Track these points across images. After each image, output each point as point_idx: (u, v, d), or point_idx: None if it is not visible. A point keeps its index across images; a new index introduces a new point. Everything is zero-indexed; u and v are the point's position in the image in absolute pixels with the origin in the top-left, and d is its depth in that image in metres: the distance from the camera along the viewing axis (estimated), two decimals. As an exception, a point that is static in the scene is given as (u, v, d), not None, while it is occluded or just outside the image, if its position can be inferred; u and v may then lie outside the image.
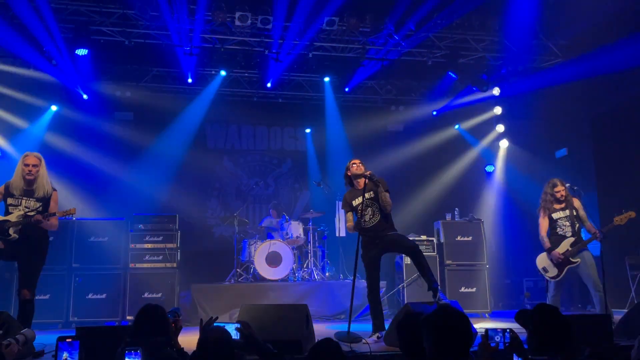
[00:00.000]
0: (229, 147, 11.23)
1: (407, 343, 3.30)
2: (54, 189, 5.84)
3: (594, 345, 4.22)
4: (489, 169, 10.57)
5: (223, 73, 9.62)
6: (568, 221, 6.38)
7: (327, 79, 9.99)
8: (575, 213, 6.38)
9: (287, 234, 8.99)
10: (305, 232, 9.14)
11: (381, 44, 9.04)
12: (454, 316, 2.49)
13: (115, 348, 3.29)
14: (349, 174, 5.99)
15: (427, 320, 2.52)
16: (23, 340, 4.08)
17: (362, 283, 6.78)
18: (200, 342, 3.18)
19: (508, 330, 3.36)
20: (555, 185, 6.46)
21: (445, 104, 10.58)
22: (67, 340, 2.76)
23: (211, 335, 3.16)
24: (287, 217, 9.49)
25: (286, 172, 11.34)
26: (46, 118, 9.53)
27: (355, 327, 5.60)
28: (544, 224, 6.52)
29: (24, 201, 5.65)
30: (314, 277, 8.79)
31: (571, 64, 8.67)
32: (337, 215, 9.26)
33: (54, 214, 5.65)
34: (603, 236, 6.04)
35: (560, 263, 6.29)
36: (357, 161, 5.99)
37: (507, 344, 3.34)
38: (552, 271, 6.35)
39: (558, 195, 6.42)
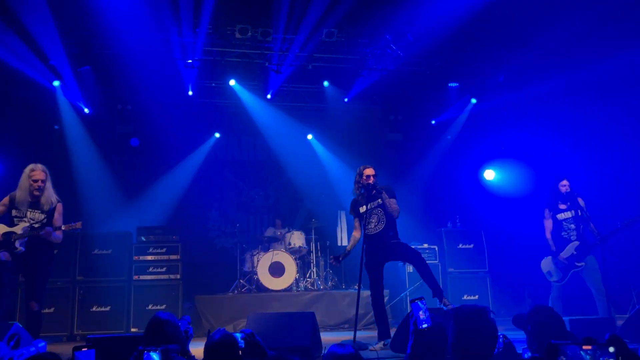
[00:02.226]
0: (230, 158, 11.28)
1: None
2: (59, 201, 5.88)
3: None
4: (487, 175, 10.64)
5: (233, 82, 9.63)
6: (573, 223, 6.40)
7: (326, 83, 10.02)
8: (580, 213, 6.39)
9: (289, 244, 9.03)
10: (307, 241, 9.18)
11: (380, 54, 9.15)
12: (480, 314, 2.54)
13: (127, 357, 3.32)
14: (361, 184, 6.00)
15: (454, 314, 2.58)
16: (35, 351, 4.11)
17: (364, 292, 6.82)
18: (207, 347, 3.21)
19: (501, 335, 3.43)
20: (560, 179, 6.49)
21: (444, 113, 10.66)
22: (83, 349, 2.79)
23: (218, 340, 3.20)
24: (288, 227, 9.55)
25: (286, 183, 11.36)
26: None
27: (359, 336, 5.63)
28: (548, 225, 6.53)
29: (29, 213, 5.68)
30: (317, 286, 8.81)
31: (567, 71, 8.75)
32: (339, 225, 9.30)
33: (60, 227, 5.69)
34: (604, 240, 6.08)
35: (565, 267, 6.32)
36: (371, 172, 5.94)
37: (500, 349, 3.41)
38: (557, 275, 6.38)
39: (563, 189, 6.42)
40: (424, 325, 3.13)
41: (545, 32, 8.31)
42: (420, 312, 3.22)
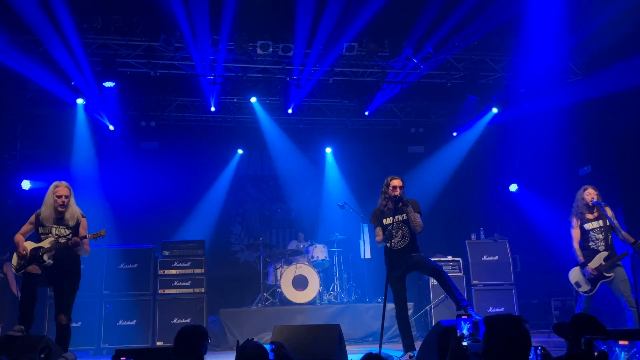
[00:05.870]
0: (252, 172, 11.36)
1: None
2: (83, 216, 5.96)
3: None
4: (512, 188, 10.55)
5: (254, 100, 9.73)
6: (601, 233, 6.26)
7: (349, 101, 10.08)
8: (608, 223, 6.25)
9: (312, 257, 9.03)
10: (330, 255, 9.18)
11: (400, 67, 9.18)
12: (513, 323, 2.51)
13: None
14: (387, 195, 5.96)
15: (487, 323, 2.55)
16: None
17: (389, 305, 6.75)
18: (238, 357, 3.22)
19: (540, 348, 3.37)
20: (586, 189, 6.36)
21: (465, 125, 10.62)
22: (122, 358, 2.86)
23: (249, 350, 3.21)
24: (311, 240, 9.56)
25: (308, 197, 11.39)
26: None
27: (384, 350, 5.59)
28: (576, 235, 6.39)
29: (54, 229, 5.76)
30: (340, 299, 8.79)
31: (590, 81, 8.68)
32: (361, 238, 9.28)
33: (85, 237, 5.76)
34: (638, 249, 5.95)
35: (593, 278, 6.21)
36: (398, 184, 5.85)
37: None
38: (585, 286, 6.25)
39: (588, 198, 6.28)
40: (465, 343, 3.14)
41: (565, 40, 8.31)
42: (464, 330, 3.24)
